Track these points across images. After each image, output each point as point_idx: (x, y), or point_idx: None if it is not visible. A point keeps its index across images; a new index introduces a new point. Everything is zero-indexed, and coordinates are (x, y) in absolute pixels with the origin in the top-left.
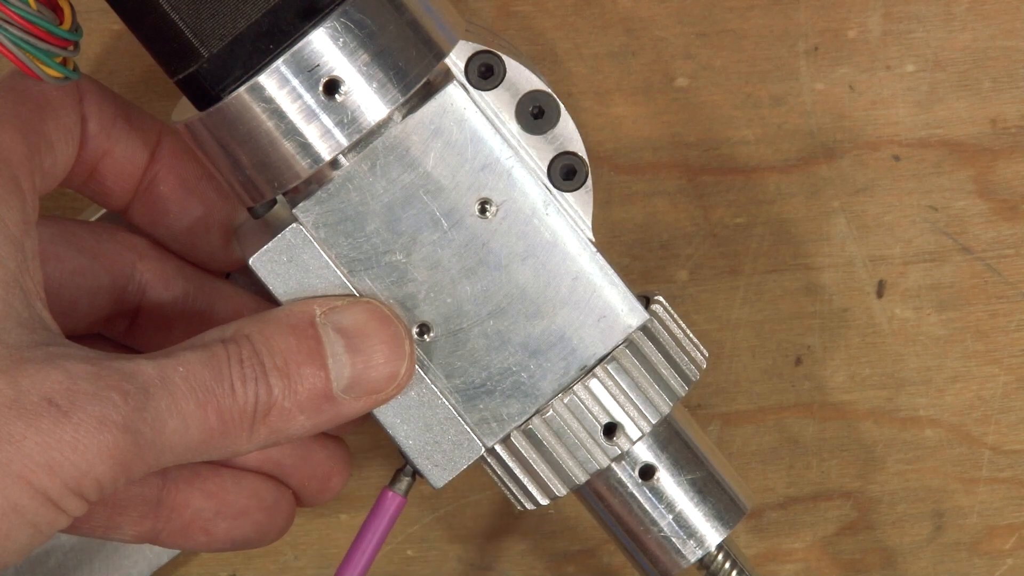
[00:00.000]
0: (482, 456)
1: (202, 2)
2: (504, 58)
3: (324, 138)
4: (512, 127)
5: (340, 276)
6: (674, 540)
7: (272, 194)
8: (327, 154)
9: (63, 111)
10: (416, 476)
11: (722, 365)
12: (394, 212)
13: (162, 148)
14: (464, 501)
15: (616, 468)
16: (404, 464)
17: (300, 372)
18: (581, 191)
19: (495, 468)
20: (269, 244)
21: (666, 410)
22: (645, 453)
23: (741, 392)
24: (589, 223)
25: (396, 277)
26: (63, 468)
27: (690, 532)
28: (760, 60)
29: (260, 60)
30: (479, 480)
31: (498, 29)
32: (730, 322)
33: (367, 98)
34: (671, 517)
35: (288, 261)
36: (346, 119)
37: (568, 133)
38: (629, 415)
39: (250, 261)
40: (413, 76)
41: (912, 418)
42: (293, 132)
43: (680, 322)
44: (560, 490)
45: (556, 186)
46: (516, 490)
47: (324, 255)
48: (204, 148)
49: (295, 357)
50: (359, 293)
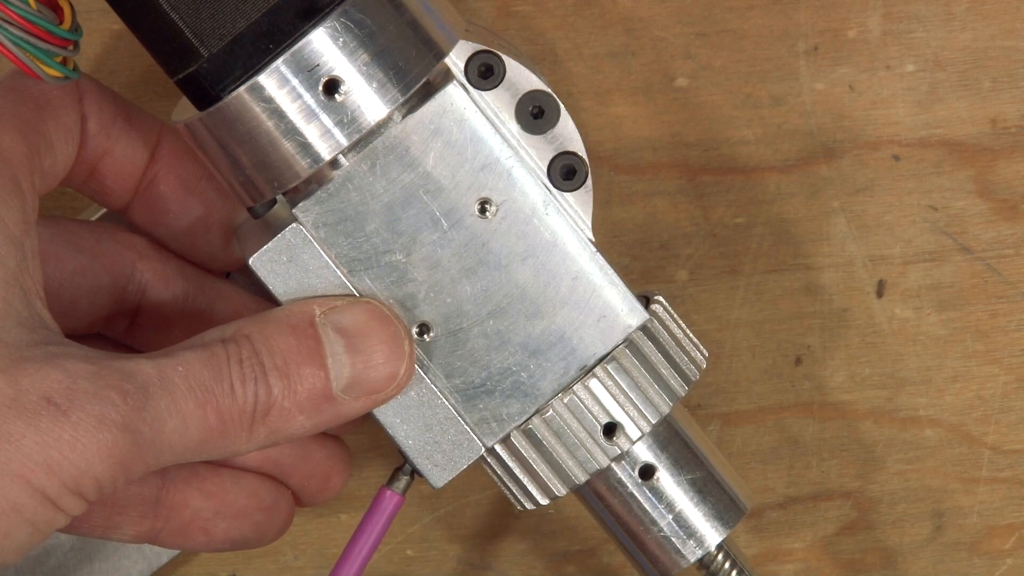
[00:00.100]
0: (482, 456)
1: (202, 2)
2: (504, 58)
3: (324, 138)
4: (512, 127)
5: (340, 276)
6: (674, 540)
7: (272, 194)
8: (327, 154)
9: (63, 111)
10: (415, 475)
11: (722, 365)
12: (394, 212)
13: (162, 148)
14: (464, 501)
15: (616, 468)
16: (402, 463)
17: (300, 372)
18: (581, 191)
19: (495, 468)
20: (269, 244)
21: (666, 410)
22: (645, 453)
23: (741, 392)
24: (589, 223)
25: (396, 277)
26: (62, 467)
27: (690, 532)
28: (760, 60)
29: (260, 60)
30: (479, 480)
31: (498, 29)
32: (730, 322)
33: (367, 98)
34: (671, 517)
35: (288, 261)
36: (346, 119)
37: (568, 133)
38: (629, 415)
39: (250, 261)
40: (413, 76)
41: (912, 418)
42: (293, 132)
43: (680, 322)
44: (560, 490)
45: (556, 186)
46: (516, 490)
47: (324, 255)
48: (204, 148)
49: (295, 357)
50: (359, 293)
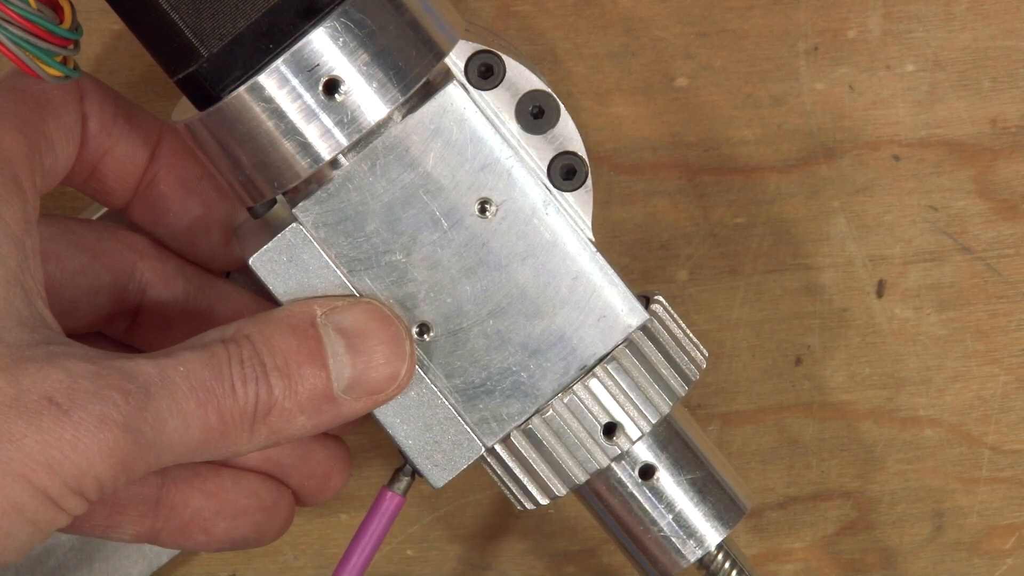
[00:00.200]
0: (482, 456)
1: (202, 2)
2: (504, 58)
3: (324, 138)
4: (512, 127)
5: (340, 276)
6: (674, 540)
7: (272, 194)
8: (327, 154)
9: (64, 110)
10: (415, 476)
11: (722, 365)
12: (394, 212)
13: (162, 147)
14: (464, 501)
15: (616, 468)
16: (403, 464)
17: (301, 372)
18: (581, 191)
19: (495, 468)
20: (269, 244)
21: (666, 410)
22: (645, 453)
23: (741, 392)
24: (589, 223)
25: (396, 277)
26: (63, 467)
27: (690, 532)
28: (760, 60)
29: (260, 60)
30: (479, 480)
31: (498, 29)
32: (730, 322)
33: (367, 98)
34: (671, 517)
35: (288, 261)
36: (346, 119)
37: (568, 133)
38: (629, 415)
39: (250, 261)
40: (413, 76)
41: (912, 418)
42: (293, 132)
43: (680, 322)
44: (560, 490)
45: (556, 186)
46: (516, 490)
47: (324, 255)
48: (204, 148)
49: (296, 357)
50: (359, 293)
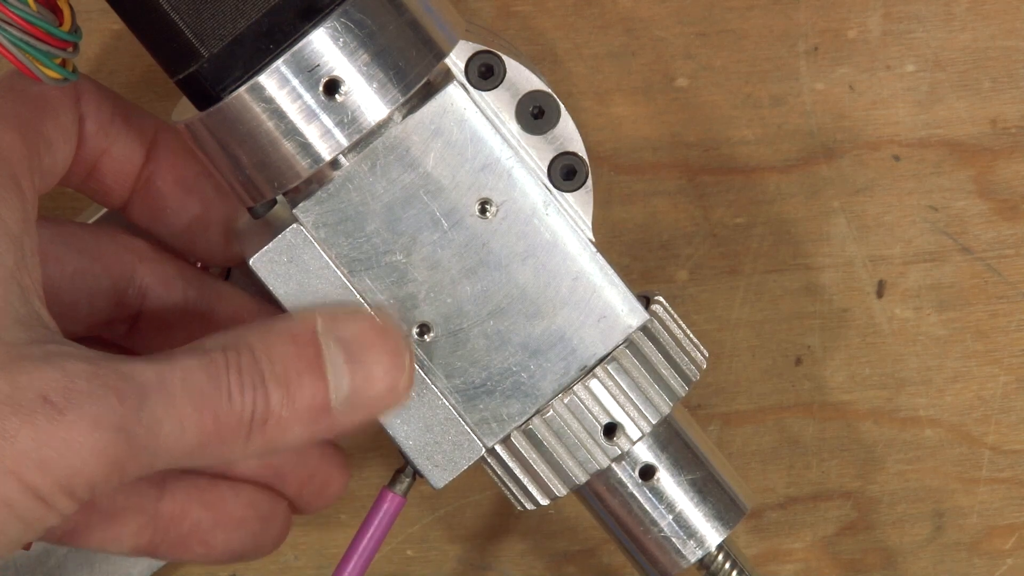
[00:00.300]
0: (482, 456)
1: (202, 2)
2: (504, 58)
3: (324, 138)
4: (512, 127)
5: (340, 276)
6: (674, 540)
7: (272, 194)
8: (327, 154)
9: (61, 111)
10: (416, 476)
11: (722, 365)
12: (394, 212)
13: (160, 146)
14: (464, 501)
15: (616, 468)
16: (404, 464)
17: (299, 383)
18: (581, 191)
19: (495, 468)
20: (269, 244)
21: (666, 410)
22: (645, 453)
23: (741, 392)
24: (589, 223)
25: (396, 277)
26: (55, 466)
27: (690, 532)
28: (760, 60)
29: (260, 60)
30: (479, 480)
31: (498, 29)
32: (730, 322)
33: (367, 98)
34: (671, 517)
35: (288, 261)
36: (346, 119)
37: (568, 133)
38: (629, 415)
39: (250, 262)
40: (413, 76)
41: (912, 418)
42: (293, 132)
43: (680, 322)
44: (560, 490)
45: (556, 186)
46: (516, 490)
47: (324, 255)
48: (204, 148)
49: (295, 367)
50: (359, 293)
